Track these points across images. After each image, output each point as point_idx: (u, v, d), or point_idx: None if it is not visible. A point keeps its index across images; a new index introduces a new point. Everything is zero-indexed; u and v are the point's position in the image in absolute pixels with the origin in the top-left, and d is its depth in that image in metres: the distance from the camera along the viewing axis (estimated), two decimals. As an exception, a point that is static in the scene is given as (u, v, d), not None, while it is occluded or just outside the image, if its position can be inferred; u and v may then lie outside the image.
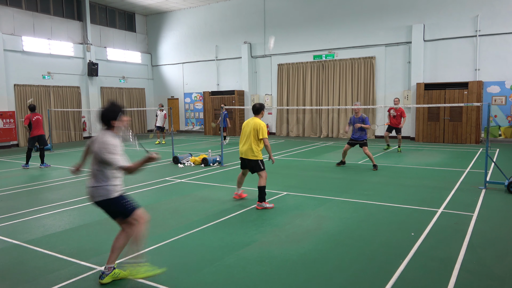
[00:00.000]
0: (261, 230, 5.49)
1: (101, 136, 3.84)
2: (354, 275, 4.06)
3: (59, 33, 19.40)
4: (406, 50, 16.94)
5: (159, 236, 5.28)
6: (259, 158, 6.55)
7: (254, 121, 6.56)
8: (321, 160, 11.75)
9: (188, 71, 23.29)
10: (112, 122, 3.86)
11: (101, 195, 3.84)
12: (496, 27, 15.06)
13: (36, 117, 11.70)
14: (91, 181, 3.89)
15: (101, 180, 3.83)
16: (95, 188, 3.85)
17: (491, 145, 13.75)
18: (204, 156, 11.16)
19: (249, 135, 6.51)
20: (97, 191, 3.85)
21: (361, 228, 5.49)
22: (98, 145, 3.79)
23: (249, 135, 6.52)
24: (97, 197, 3.86)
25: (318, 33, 18.77)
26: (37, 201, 7.48)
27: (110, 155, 3.70)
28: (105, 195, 3.84)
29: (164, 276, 4.09)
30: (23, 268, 4.40)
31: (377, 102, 17.72)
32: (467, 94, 15.10)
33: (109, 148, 3.71)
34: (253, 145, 6.49)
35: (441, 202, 6.73)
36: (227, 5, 21.27)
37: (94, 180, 3.86)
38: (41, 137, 11.72)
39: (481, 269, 4.12)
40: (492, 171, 9.21)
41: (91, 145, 3.95)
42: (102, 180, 3.83)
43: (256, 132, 6.46)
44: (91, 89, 20.75)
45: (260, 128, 6.47)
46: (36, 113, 11.83)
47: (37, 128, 11.67)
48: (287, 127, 20.22)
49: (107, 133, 3.87)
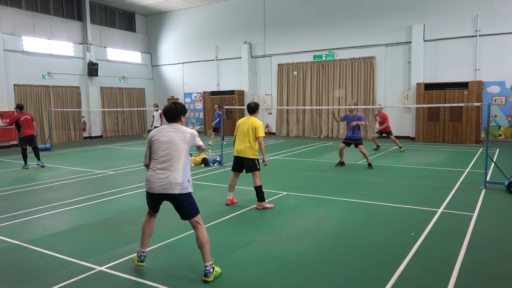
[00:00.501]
0: (261, 230, 5.49)
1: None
2: (354, 275, 4.06)
3: (59, 33, 19.40)
4: (406, 50, 16.94)
5: (159, 236, 5.28)
6: (257, 157, 6.53)
7: (251, 120, 6.51)
8: (321, 160, 11.75)
9: (188, 71, 23.29)
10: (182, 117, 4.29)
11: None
12: (496, 27, 15.06)
13: (25, 117, 11.50)
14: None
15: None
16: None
17: (491, 145, 13.75)
18: (204, 156, 11.16)
19: (247, 133, 6.45)
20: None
21: (361, 228, 5.49)
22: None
23: (247, 134, 6.46)
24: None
25: (318, 33, 18.77)
26: (37, 201, 7.48)
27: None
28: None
29: (164, 276, 4.09)
30: (23, 268, 4.40)
31: (377, 102, 17.71)
32: (467, 94, 15.10)
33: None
34: (252, 144, 6.45)
35: (441, 202, 6.74)
36: (227, 5, 21.27)
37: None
38: (32, 137, 11.56)
39: (481, 269, 4.12)
40: (492, 171, 9.21)
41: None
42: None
43: (254, 131, 6.42)
44: (91, 89, 20.76)
45: (259, 126, 6.43)
46: (25, 113, 11.65)
47: (27, 127, 11.49)
48: (287, 127, 20.22)
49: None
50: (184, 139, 4.10)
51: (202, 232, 4.05)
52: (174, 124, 4.21)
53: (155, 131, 4.20)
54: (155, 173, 4.02)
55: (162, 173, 3.99)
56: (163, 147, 4.06)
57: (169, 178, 3.96)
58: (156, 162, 4.05)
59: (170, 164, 4.01)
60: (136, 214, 6.41)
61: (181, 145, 4.07)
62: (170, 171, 3.98)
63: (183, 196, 4.00)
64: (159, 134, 4.13)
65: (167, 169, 3.99)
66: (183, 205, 4.03)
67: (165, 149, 4.04)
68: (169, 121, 4.25)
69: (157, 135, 4.13)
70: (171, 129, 4.14)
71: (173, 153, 4.04)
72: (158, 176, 3.98)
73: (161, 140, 4.09)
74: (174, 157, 4.03)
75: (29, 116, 11.63)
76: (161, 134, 4.12)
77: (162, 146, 4.06)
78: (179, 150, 4.06)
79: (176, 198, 4.00)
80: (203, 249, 4.03)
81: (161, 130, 4.16)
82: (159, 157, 4.04)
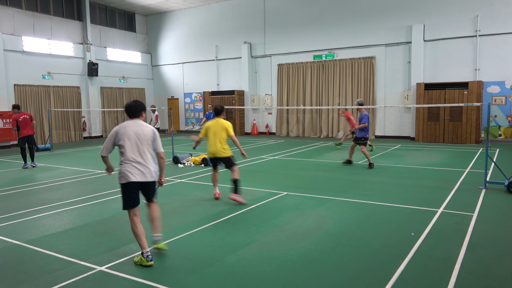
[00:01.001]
0: (261, 230, 5.49)
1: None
2: (354, 275, 4.06)
3: (59, 33, 19.40)
4: (406, 50, 16.94)
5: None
6: (231, 155, 6.99)
7: (220, 122, 6.97)
8: (321, 160, 11.75)
9: (188, 71, 23.29)
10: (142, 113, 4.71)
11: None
12: (496, 27, 15.06)
13: (23, 117, 11.45)
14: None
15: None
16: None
17: (491, 145, 13.75)
18: (204, 156, 11.16)
19: (219, 135, 6.87)
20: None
21: (361, 228, 5.48)
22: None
23: (218, 135, 6.87)
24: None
25: (318, 33, 18.77)
26: (37, 201, 7.47)
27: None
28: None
29: (164, 276, 4.09)
30: (23, 268, 4.40)
31: (377, 102, 17.72)
32: (467, 94, 15.10)
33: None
34: (224, 144, 6.92)
35: (441, 202, 6.73)
36: (227, 5, 21.27)
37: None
38: (30, 137, 11.53)
39: (481, 269, 4.12)
40: (492, 171, 9.21)
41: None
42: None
43: (226, 132, 6.90)
44: (91, 89, 20.76)
45: (229, 127, 6.95)
46: (23, 113, 11.59)
47: (26, 128, 11.44)
48: (287, 127, 20.22)
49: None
50: (148, 133, 4.58)
51: (157, 208, 4.85)
52: (136, 120, 4.63)
53: (120, 127, 4.53)
54: (132, 165, 4.44)
55: (139, 164, 4.46)
56: (132, 141, 4.47)
57: (145, 167, 4.49)
58: (129, 156, 4.45)
59: (142, 156, 4.49)
60: (136, 214, 6.41)
61: (146, 138, 4.54)
62: (144, 162, 4.49)
63: (153, 183, 4.66)
64: (125, 129, 4.50)
65: (141, 161, 4.48)
66: (151, 190, 4.69)
67: (134, 143, 4.47)
68: (130, 117, 4.64)
69: (123, 130, 4.49)
70: (134, 124, 4.57)
71: (142, 146, 4.51)
72: (137, 167, 4.45)
73: (129, 134, 4.47)
74: (143, 149, 4.51)
75: (27, 115, 11.56)
76: (126, 129, 4.50)
77: (131, 141, 4.47)
78: (146, 143, 4.53)
79: (150, 184, 4.61)
80: (156, 222, 4.78)
81: (126, 126, 4.52)
82: (131, 150, 4.45)
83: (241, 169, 10.40)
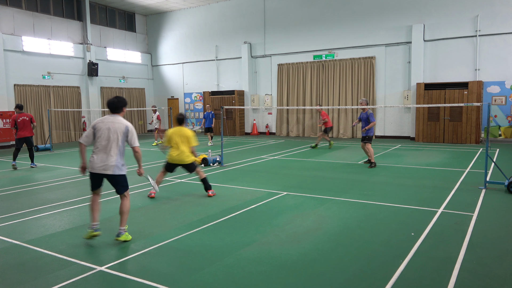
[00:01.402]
0: (261, 230, 5.49)
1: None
2: (354, 275, 4.06)
3: (59, 33, 19.40)
4: (406, 50, 16.94)
5: (159, 236, 5.28)
6: (193, 160, 7.33)
7: (183, 130, 7.24)
8: (321, 160, 11.75)
9: (188, 71, 23.29)
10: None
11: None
12: (496, 27, 15.06)
13: (22, 118, 11.23)
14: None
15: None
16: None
17: (491, 145, 13.75)
18: (204, 156, 11.16)
19: (181, 143, 7.13)
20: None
21: (361, 228, 5.48)
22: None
23: (181, 143, 7.12)
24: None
25: (318, 33, 18.77)
26: (37, 201, 7.48)
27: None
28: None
29: (164, 276, 4.09)
30: (23, 268, 4.40)
31: (377, 102, 17.72)
32: (467, 94, 15.10)
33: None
34: (186, 151, 7.17)
35: (441, 202, 6.74)
36: (227, 5, 21.27)
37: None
38: (27, 139, 11.37)
39: (481, 269, 4.12)
40: (492, 171, 9.22)
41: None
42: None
43: (188, 140, 7.18)
44: (91, 89, 20.76)
45: (192, 136, 7.24)
46: (23, 114, 11.35)
47: (23, 129, 11.24)
48: (287, 127, 20.22)
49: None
50: (121, 129, 4.92)
51: (127, 203, 5.13)
52: (115, 115, 5.02)
53: (98, 121, 4.99)
54: (97, 156, 4.93)
55: (102, 156, 4.90)
56: (104, 134, 4.90)
57: (107, 160, 4.89)
58: (98, 147, 4.92)
59: (108, 149, 4.88)
60: (136, 214, 6.41)
61: (118, 133, 4.91)
62: (108, 155, 4.88)
63: (117, 176, 4.98)
64: (102, 123, 4.95)
65: (106, 153, 4.89)
66: (116, 183, 5.04)
67: (106, 136, 4.89)
68: (112, 112, 5.05)
69: (100, 124, 4.95)
70: (111, 119, 4.98)
71: (110, 140, 4.89)
72: (99, 159, 4.91)
73: (103, 128, 4.92)
74: (110, 143, 4.89)
75: (27, 117, 11.38)
76: (103, 123, 4.95)
77: (103, 134, 4.90)
78: (116, 137, 4.91)
79: (111, 177, 4.99)
80: (123, 216, 5.08)
81: (104, 120, 4.98)
82: (100, 142, 4.90)
83: (241, 169, 10.42)
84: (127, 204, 5.13)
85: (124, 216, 5.09)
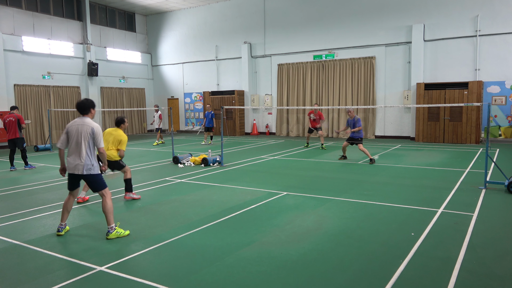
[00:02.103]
0: (261, 230, 5.49)
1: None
2: (354, 275, 4.06)
3: (59, 33, 19.40)
4: (406, 50, 16.94)
5: (159, 236, 5.28)
6: (118, 159, 7.28)
7: (117, 132, 7.28)
8: (321, 160, 11.75)
9: (188, 71, 23.29)
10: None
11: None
12: (496, 27, 15.06)
13: (9, 119, 10.81)
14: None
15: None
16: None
17: (491, 145, 13.75)
18: (204, 156, 11.16)
19: (111, 143, 7.18)
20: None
21: (361, 228, 5.48)
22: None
23: (111, 143, 7.18)
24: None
25: (318, 33, 18.77)
26: (37, 201, 7.48)
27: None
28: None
29: (164, 276, 4.09)
30: (23, 268, 4.40)
31: (377, 102, 17.72)
32: (467, 94, 15.10)
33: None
34: (113, 151, 7.19)
35: (441, 202, 6.73)
36: (227, 5, 21.27)
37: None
38: (15, 141, 10.94)
39: (481, 269, 4.12)
40: (492, 171, 9.21)
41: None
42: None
43: (118, 143, 7.20)
44: (91, 89, 20.76)
45: (122, 143, 7.21)
46: (11, 114, 10.91)
47: (9, 131, 10.86)
48: (287, 127, 20.22)
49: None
50: (87, 131, 5.17)
51: (106, 202, 5.29)
52: (83, 117, 5.29)
53: (69, 124, 5.29)
54: (70, 157, 5.22)
55: (74, 157, 5.18)
56: (74, 137, 5.19)
57: (77, 161, 5.16)
58: (70, 149, 5.23)
59: (77, 150, 5.15)
60: (136, 214, 6.42)
61: (85, 136, 5.16)
62: (79, 156, 5.15)
63: (87, 176, 5.23)
64: (72, 126, 5.25)
65: (76, 155, 5.17)
66: (88, 182, 5.30)
67: (74, 138, 5.18)
68: (81, 114, 5.31)
69: (71, 127, 5.25)
70: (79, 122, 5.24)
71: (79, 142, 5.15)
72: (72, 160, 5.19)
73: (72, 131, 5.22)
74: (80, 144, 5.15)
75: (13, 118, 10.88)
76: (72, 126, 5.24)
77: (72, 136, 5.20)
78: (83, 139, 5.15)
79: (83, 177, 5.25)
80: (106, 215, 5.26)
81: (73, 123, 5.27)
82: (71, 144, 5.21)
83: (241, 169, 10.41)
84: (107, 203, 5.29)
85: (108, 215, 5.26)
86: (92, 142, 5.21)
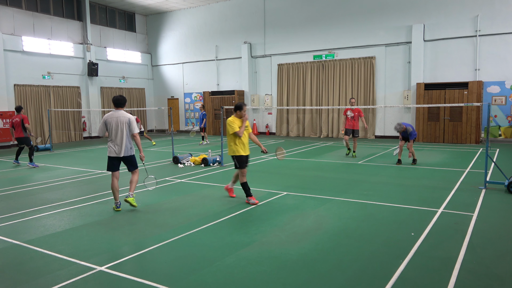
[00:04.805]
0: (261, 230, 5.49)
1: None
2: (354, 275, 4.06)
3: (59, 33, 19.40)
4: (406, 50, 16.94)
5: (159, 236, 5.28)
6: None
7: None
8: (321, 160, 11.75)
9: (188, 71, 23.29)
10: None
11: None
12: (496, 27, 15.06)
13: (15, 120, 11.70)
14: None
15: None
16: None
17: (491, 145, 13.75)
18: (204, 156, 11.16)
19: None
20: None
21: (361, 228, 5.48)
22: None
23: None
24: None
25: (318, 33, 18.77)
26: (37, 201, 7.48)
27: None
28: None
29: (164, 276, 4.09)
30: (23, 268, 4.40)
31: (377, 102, 17.71)
32: (467, 94, 15.10)
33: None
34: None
35: (441, 202, 6.73)
36: (227, 5, 21.27)
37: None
38: (21, 140, 11.70)
39: (481, 269, 4.12)
40: (492, 171, 9.21)
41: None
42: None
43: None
44: (91, 89, 20.76)
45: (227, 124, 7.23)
46: (17, 115, 11.76)
47: (17, 130, 11.67)
48: (287, 127, 20.22)
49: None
50: (124, 120, 6.41)
51: (135, 176, 6.68)
52: (118, 110, 6.47)
53: (107, 116, 6.45)
54: (112, 143, 6.43)
55: (115, 144, 6.39)
56: (111, 126, 6.37)
57: (120, 146, 6.41)
58: (111, 137, 6.40)
59: (119, 138, 6.37)
60: (136, 214, 6.42)
61: (123, 124, 6.39)
62: (120, 142, 6.38)
63: (127, 157, 6.53)
64: (110, 118, 6.40)
65: (117, 141, 6.38)
66: (127, 161, 6.58)
67: (115, 127, 6.36)
68: (116, 107, 6.50)
69: (109, 118, 6.40)
70: (116, 114, 6.42)
71: (119, 131, 6.36)
72: (114, 146, 6.41)
73: (112, 122, 6.37)
74: (121, 131, 6.37)
75: (18, 118, 11.67)
76: (111, 118, 6.39)
77: (111, 126, 6.37)
78: (124, 127, 6.39)
79: (123, 158, 6.52)
80: (132, 184, 6.58)
81: (111, 116, 6.40)
82: (112, 133, 6.38)
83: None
84: (135, 177, 6.67)
85: (133, 184, 6.59)
86: (129, 128, 6.41)
